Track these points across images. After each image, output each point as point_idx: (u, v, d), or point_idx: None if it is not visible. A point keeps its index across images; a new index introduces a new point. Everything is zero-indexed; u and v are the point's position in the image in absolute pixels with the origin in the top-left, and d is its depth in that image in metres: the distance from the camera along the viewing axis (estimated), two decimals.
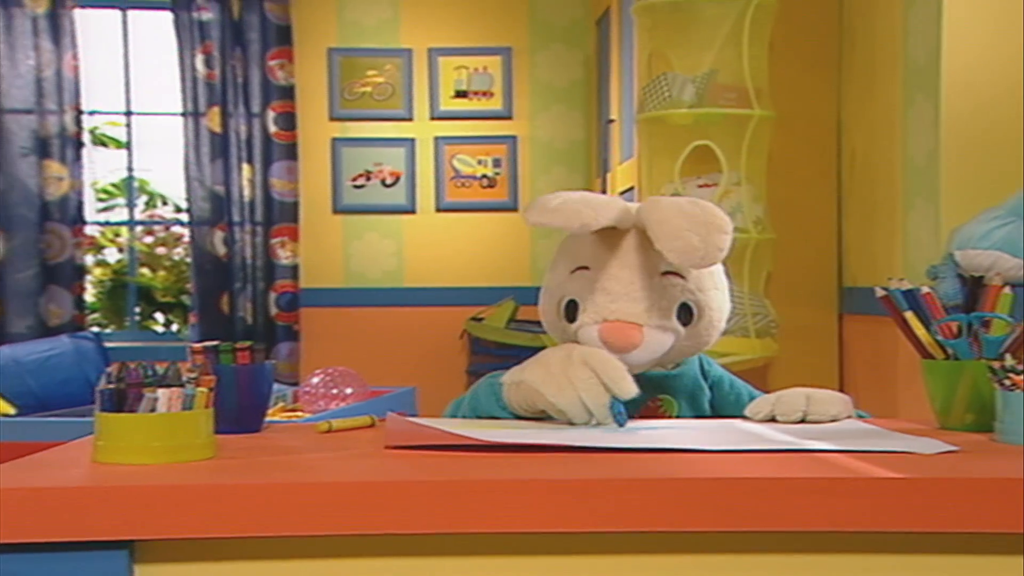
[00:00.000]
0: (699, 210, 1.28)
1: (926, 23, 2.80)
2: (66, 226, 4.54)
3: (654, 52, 3.32)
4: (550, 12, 4.81)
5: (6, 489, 0.92)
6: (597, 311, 1.31)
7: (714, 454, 1.08)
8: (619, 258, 1.32)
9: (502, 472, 1.00)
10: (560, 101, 4.83)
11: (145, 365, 1.06)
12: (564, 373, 1.23)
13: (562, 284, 1.37)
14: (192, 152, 4.60)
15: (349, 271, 4.79)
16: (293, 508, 0.93)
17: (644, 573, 0.98)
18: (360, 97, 4.75)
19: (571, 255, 1.37)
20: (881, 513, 0.95)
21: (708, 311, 1.34)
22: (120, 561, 0.93)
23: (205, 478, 0.99)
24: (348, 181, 4.76)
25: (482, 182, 4.81)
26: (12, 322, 4.45)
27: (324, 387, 3.16)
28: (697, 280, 1.33)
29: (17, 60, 4.48)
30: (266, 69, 4.60)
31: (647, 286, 1.31)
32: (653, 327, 1.30)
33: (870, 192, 3.25)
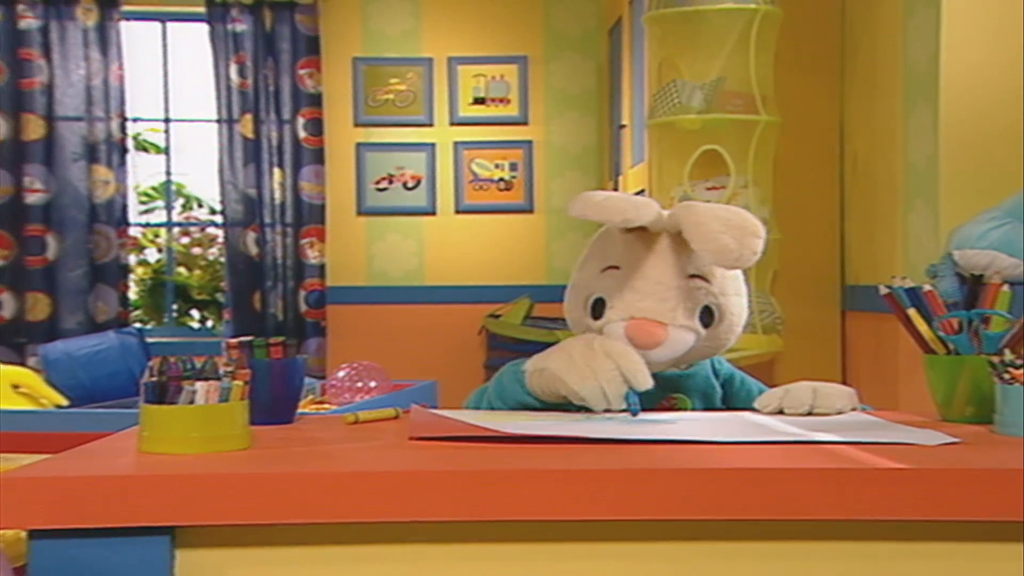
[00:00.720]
0: (734, 215, 1.28)
1: (925, 31, 2.79)
2: (112, 227, 4.58)
3: (664, 60, 3.32)
4: (564, 22, 4.81)
5: (58, 478, 0.93)
6: (625, 308, 1.32)
7: (724, 445, 1.08)
8: (649, 259, 1.33)
9: (521, 462, 0.99)
10: (574, 107, 4.83)
11: (185, 359, 1.06)
12: (586, 363, 1.24)
13: (591, 282, 1.37)
14: (226, 157, 4.62)
15: (373, 270, 4.80)
16: (325, 496, 0.93)
17: (657, 560, 0.97)
18: (383, 104, 4.76)
19: (602, 254, 1.38)
20: (886, 502, 0.94)
21: (729, 315, 1.35)
22: (163, 546, 0.93)
23: (242, 467, 0.99)
24: (372, 184, 4.77)
25: (499, 185, 4.81)
26: (64, 318, 4.49)
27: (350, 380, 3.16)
28: (721, 284, 1.34)
29: (69, 70, 4.52)
30: (296, 78, 4.62)
31: (674, 287, 1.31)
32: (677, 326, 1.31)
33: (872, 194, 3.24)
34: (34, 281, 4.48)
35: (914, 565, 0.98)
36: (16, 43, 4.47)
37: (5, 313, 4.46)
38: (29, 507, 0.91)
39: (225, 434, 1.05)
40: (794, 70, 3.34)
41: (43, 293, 4.49)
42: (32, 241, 4.48)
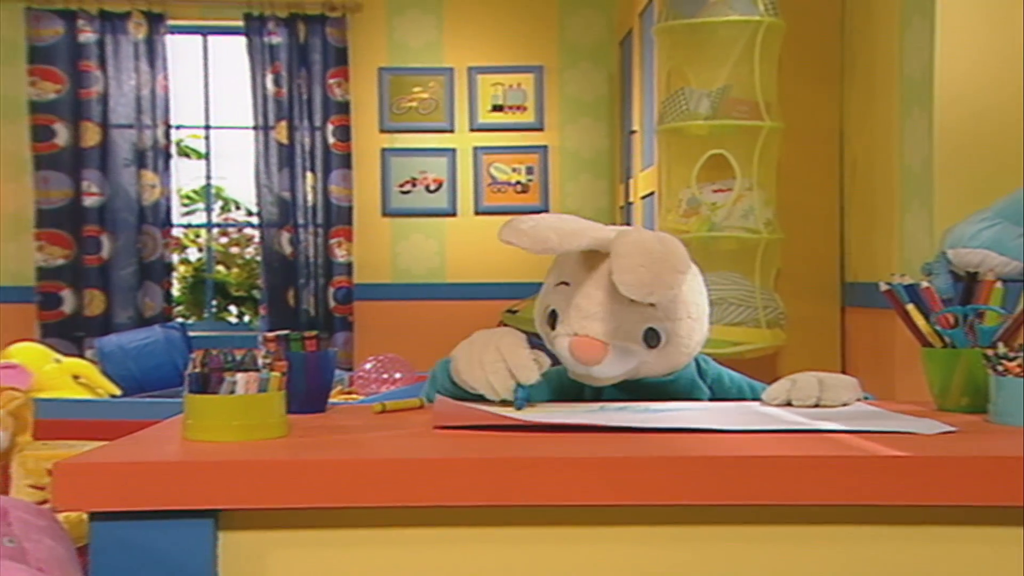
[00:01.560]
0: (660, 247, 1.23)
1: (920, 43, 2.78)
2: (157, 228, 4.61)
3: (672, 69, 3.30)
4: (578, 34, 4.80)
5: (113, 464, 0.94)
6: (570, 325, 1.28)
7: (733, 434, 1.08)
8: (594, 279, 1.28)
9: (541, 450, 0.99)
10: (587, 114, 4.82)
11: (226, 352, 1.06)
12: (480, 355, 1.22)
13: (547, 294, 1.34)
14: (262, 162, 4.64)
15: (397, 268, 4.81)
16: (357, 482, 0.94)
17: (670, 542, 0.97)
18: (407, 111, 4.76)
19: (559, 269, 1.34)
20: (886, 488, 0.94)
21: (676, 337, 1.29)
22: (207, 529, 0.94)
23: (281, 454, 0.99)
24: (396, 187, 4.78)
25: (516, 188, 4.81)
26: (116, 313, 4.53)
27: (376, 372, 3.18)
28: (666, 308, 1.28)
29: (121, 81, 4.56)
30: (326, 87, 4.63)
31: (615, 309, 1.26)
32: (617, 346, 1.27)
33: (870, 196, 3.22)
34: (91, 279, 4.53)
35: (913, 548, 0.98)
36: (76, 56, 4.51)
37: (66, 308, 4.50)
38: (88, 491, 0.92)
39: (264, 422, 1.05)
40: (796, 78, 3.33)
41: (98, 290, 4.53)
42: (89, 241, 4.52)
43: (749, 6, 3.11)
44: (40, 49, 4.50)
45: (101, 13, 4.53)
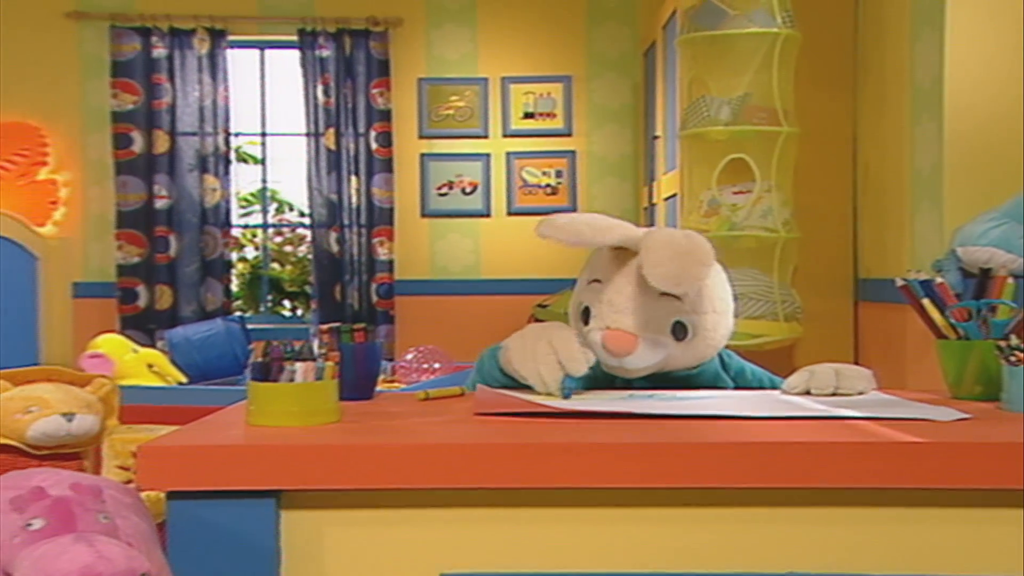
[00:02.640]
0: (687, 242, 1.22)
1: (930, 54, 2.75)
2: (218, 228, 4.65)
3: (694, 78, 3.28)
4: (604, 46, 4.78)
5: (181, 447, 0.95)
6: (602, 319, 1.28)
7: (757, 420, 1.07)
8: (624, 276, 1.28)
9: (576, 436, 0.99)
10: (612, 121, 4.80)
11: (285, 343, 1.06)
12: (532, 347, 1.21)
13: (581, 292, 1.34)
14: (313, 166, 4.66)
15: (435, 265, 4.81)
16: (405, 465, 0.94)
17: (696, 523, 0.97)
18: (444, 119, 4.76)
19: (591, 268, 1.34)
20: (906, 472, 0.93)
21: (703, 330, 1.29)
22: (269, 508, 0.94)
23: (335, 439, 0.99)
24: (434, 190, 4.78)
25: (546, 190, 4.80)
26: (182, 307, 4.57)
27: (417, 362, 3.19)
28: (692, 302, 1.28)
29: (187, 92, 4.59)
30: (369, 96, 4.64)
31: (644, 303, 1.26)
32: (646, 339, 1.26)
33: (881, 197, 3.19)
34: (160, 275, 4.58)
35: (931, 529, 0.96)
36: (150, 69, 4.57)
37: (140, 303, 4.56)
38: (165, 472, 0.93)
39: (319, 408, 1.05)
40: (812, 87, 3.31)
41: (167, 285, 4.58)
42: (159, 241, 4.58)
43: (767, 19, 3.09)
44: (120, 64, 4.56)
45: (171, 30, 4.58)
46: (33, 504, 0.81)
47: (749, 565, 0.96)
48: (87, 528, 0.77)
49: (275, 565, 0.95)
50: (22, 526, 0.79)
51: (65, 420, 1.28)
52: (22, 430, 1.28)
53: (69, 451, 1.30)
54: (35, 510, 0.80)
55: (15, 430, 1.28)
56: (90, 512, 0.80)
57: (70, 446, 1.30)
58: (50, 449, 1.30)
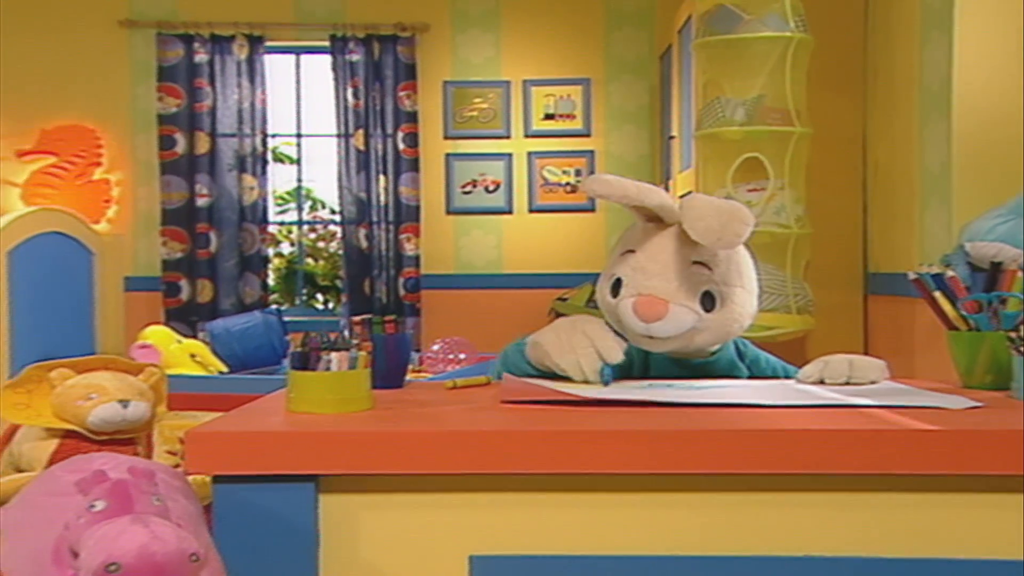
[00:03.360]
0: (727, 204, 1.22)
1: (939, 56, 2.72)
2: (255, 225, 4.67)
3: (709, 81, 3.26)
4: (622, 50, 4.76)
5: (225, 432, 0.95)
6: (635, 286, 1.27)
7: (773, 409, 1.06)
8: (658, 245, 1.27)
9: (599, 423, 0.99)
10: (629, 122, 4.78)
11: (322, 333, 1.06)
12: (568, 339, 1.21)
13: (613, 265, 1.33)
14: (343, 166, 4.67)
15: (459, 260, 4.81)
16: (435, 451, 0.94)
17: (716, 509, 0.96)
18: (468, 120, 4.76)
19: (624, 241, 1.33)
20: (919, 458, 0.92)
21: (731, 303, 1.27)
22: (308, 492, 0.95)
23: (372, 426, 0.99)
24: (458, 188, 4.78)
25: (566, 188, 4.78)
26: (221, 301, 4.60)
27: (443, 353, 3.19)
28: (723, 274, 1.27)
29: (227, 95, 4.62)
30: (397, 99, 4.65)
31: (677, 270, 1.25)
32: (678, 304, 1.24)
33: (891, 195, 3.16)
34: (202, 270, 4.61)
35: (943, 514, 0.95)
36: (192, 74, 4.59)
37: (183, 296, 4.60)
38: (211, 456, 0.93)
39: (354, 396, 1.05)
40: (823, 89, 3.28)
41: (208, 280, 4.61)
42: (200, 237, 4.61)
43: (781, 23, 3.07)
44: (166, 69, 4.59)
45: (212, 36, 4.60)
46: (96, 487, 0.82)
47: (767, 548, 0.95)
48: (143, 510, 0.78)
49: (314, 546, 0.95)
50: (86, 507, 0.80)
51: (121, 407, 1.29)
52: (83, 416, 1.30)
53: (124, 436, 1.32)
54: (97, 492, 0.81)
55: (77, 415, 1.30)
56: (145, 495, 0.81)
57: (125, 432, 1.32)
58: (108, 435, 1.31)
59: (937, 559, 0.94)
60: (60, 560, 0.83)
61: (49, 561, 0.83)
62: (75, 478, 0.88)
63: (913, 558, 0.94)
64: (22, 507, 0.95)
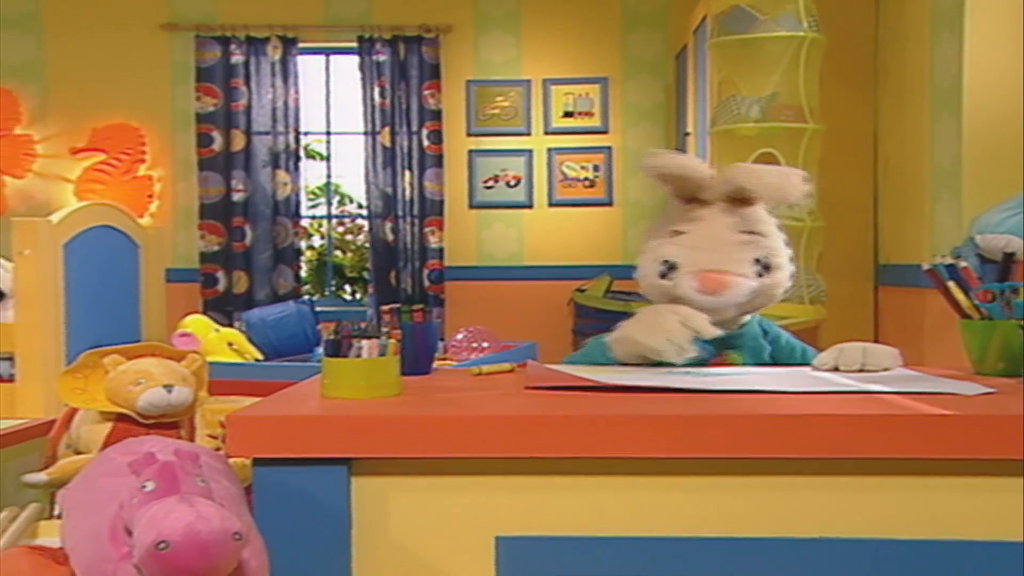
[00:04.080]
0: (779, 168, 1.28)
1: (950, 56, 2.68)
2: (288, 219, 4.69)
3: (724, 79, 3.24)
4: (638, 49, 4.74)
5: (263, 417, 0.95)
6: (693, 265, 1.27)
7: (790, 395, 1.04)
8: (707, 222, 1.28)
9: (621, 408, 0.98)
10: (646, 119, 4.75)
11: (354, 322, 1.06)
12: (656, 323, 1.21)
13: (659, 248, 1.32)
14: (370, 162, 4.68)
15: (482, 252, 4.81)
16: (463, 435, 0.93)
17: (734, 492, 0.95)
18: (490, 118, 4.75)
19: (667, 223, 1.33)
20: (934, 443, 0.90)
21: (780, 265, 1.30)
22: (341, 475, 0.94)
23: (401, 410, 0.99)
24: (481, 183, 4.78)
25: (584, 183, 4.77)
26: (256, 291, 4.64)
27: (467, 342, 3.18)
28: (772, 239, 1.29)
29: (262, 95, 4.64)
30: (421, 97, 4.65)
31: (732, 242, 1.26)
32: (738, 275, 1.26)
33: (901, 189, 3.13)
34: (237, 262, 4.64)
35: (958, 497, 0.94)
36: (229, 75, 4.62)
37: (220, 287, 4.64)
38: (252, 440, 0.93)
39: (384, 382, 1.05)
40: (836, 86, 3.26)
41: (243, 271, 4.65)
42: (236, 231, 4.64)
43: (794, 23, 3.04)
44: (203, 70, 4.62)
45: (247, 38, 4.63)
46: (146, 468, 0.83)
47: (784, 530, 0.94)
48: (188, 490, 0.79)
49: (347, 527, 0.95)
50: (138, 487, 0.81)
51: (166, 391, 1.31)
52: (133, 400, 1.31)
53: (169, 420, 1.33)
54: (148, 473, 0.82)
55: (127, 400, 1.31)
56: (190, 476, 0.82)
57: (170, 415, 1.33)
58: (155, 418, 1.32)
59: (952, 541, 0.93)
60: (116, 538, 0.84)
61: (106, 538, 0.84)
62: (128, 460, 0.89)
63: (928, 540, 0.93)
64: (81, 487, 0.96)
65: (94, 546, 0.85)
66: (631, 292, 4.52)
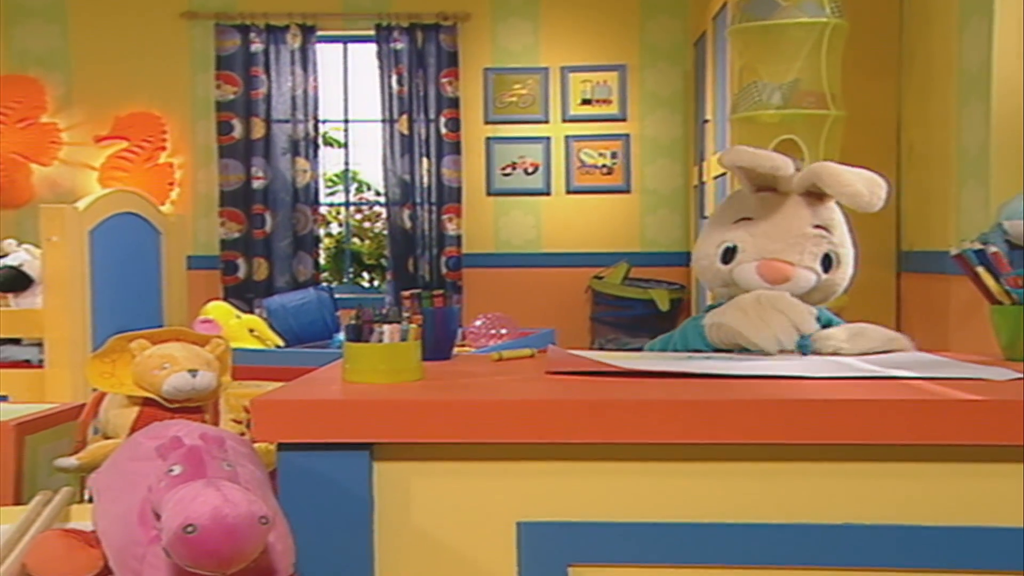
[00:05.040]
0: (862, 172, 1.24)
1: (978, 40, 2.63)
2: (308, 207, 4.70)
3: (745, 66, 3.20)
4: (656, 37, 4.70)
5: (287, 401, 0.94)
6: (757, 252, 1.26)
7: (813, 380, 1.03)
8: (781, 212, 1.26)
9: (642, 394, 0.97)
10: (663, 106, 4.72)
11: (375, 307, 1.06)
12: (759, 316, 1.20)
13: (724, 232, 1.30)
14: (388, 149, 4.67)
15: (499, 240, 4.80)
16: (484, 420, 0.92)
17: (756, 477, 0.94)
18: (508, 105, 4.73)
19: (736, 209, 1.31)
20: (964, 428, 0.88)
21: (845, 263, 1.29)
22: (363, 459, 0.94)
23: (422, 395, 0.98)
24: (498, 170, 4.76)
25: (602, 170, 4.74)
26: (276, 279, 4.65)
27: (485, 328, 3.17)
28: (840, 237, 1.28)
29: (281, 83, 4.64)
30: (439, 85, 4.63)
31: (802, 235, 1.25)
32: (803, 267, 1.25)
33: (926, 175, 3.08)
34: (258, 249, 4.65)
35: (989, 483, 0.92)
36: (248, 63, 4.62)
37: (240, 274, 4.65)
38: (276, 425, 0.93)
39: (405, 367, 1.04)
40: (858, 72, 3.21)
41: (263, 258, 4.66)
42: (256, 218, 4.65)
43: (817, 9, 3.00)
44: (223, 58, 4.63)
45: (267, 27, 4.63)
46: (173, 452, 0.83)
47: (807, 517, 0.92)
48: (215, 475, 0.79)
49: (369, 511, 0.95)
50: (166, 471, 0.81)
51: (190, 376, 1.31)
52: (158, 385, 1.32)
53: (194, 404, 1.33)
54: (175, 458, 0.82)
55: (153, 384, 1.32)
56: (216, 460, 0.82)
57: (194, 400, 1.33)
58: (180, 403, 1.33)
59: (981, 528, 0.91)
60: (145, 521, 0.84)
61: (135, 522, 0.85)
62: (155, 444, 0.90)
63: (957, 527, 0.91)
64: (111, 471, 0.96)
65: (124, 529, 0.86)
66: (649, 279, 4.50)
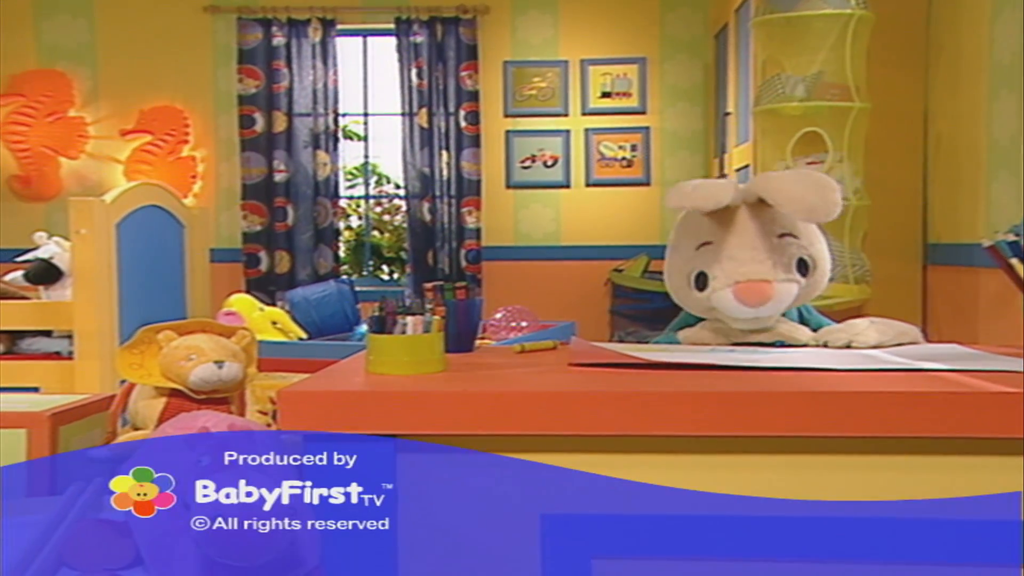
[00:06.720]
0: (808, 176, 1.18)
1: (1011, 32, 2.58)
2: (328, 200, 4.71)
3: (768, 58, 3.16)
4: (677, 29, 4.66)
5: (311, 392, 0.94)
6: (728, 276, 1.20)
7: (839, 372, 1.01)
8: (738, 229, 1.20)
9: (667, 386, 0.96)
10: (684, 99, 4.69)
11: (399, 299, 1.06)
12: None
13: (689, 260, 1.25)
14: (407, 143, 4.67)
15: (519, 232, 4.79)
16: (509, 411, 0.92)
17: (780, 471, 0.92)
18: (527, 98, 4.72)
19: (692, 234, 1.25)
20: (991, 421, 0.86)
21: (821, 262, 1.24)
22: (388, 450, 0.94)
23: (447, 387, 0.98)
24: (518, 163, 4.75)
25: (622, 163, 4.72)
26: (298, 271, 4.67)
27: (505, 321, 3.17)
28: (808, 236, 1.23)
29: (303, 76, 4.65)
30: (459, 78, 4.62)
31: (768, 247, 1.19)
32: (780, 281, 1.19)
33: (954, 167, 3.04)
34: (280, 242, 4.67)
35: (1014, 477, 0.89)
36: (270, 57, 4.64)
37: (262, 267, 4.68)
38: (303, 415, 0.93)
39: (428, 359, 1.04)
40: (884, 64, 3.17)
41: (285, 251, 4.68)
42: (278, 211, 4.67)
43: (842, 1, 2.96)
44: (246, 52, 4.64)
45: (289, 20, 4.64)
46: (200, 443, 0.83)
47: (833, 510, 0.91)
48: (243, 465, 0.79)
49: (394, 503, 0.94)
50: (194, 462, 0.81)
51: (216, 367, 1.32)
52: (185, 376, 1.33)
53: (220, 395, 1.34)
54: (202, 448, 0.82)
55: (179, 375, 1.33)
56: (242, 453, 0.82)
57: (221, 391, 1.34)
58: (206, 394, 1.34)
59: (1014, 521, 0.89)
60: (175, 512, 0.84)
61: None
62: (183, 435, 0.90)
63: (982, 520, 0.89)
64: None
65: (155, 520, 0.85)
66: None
